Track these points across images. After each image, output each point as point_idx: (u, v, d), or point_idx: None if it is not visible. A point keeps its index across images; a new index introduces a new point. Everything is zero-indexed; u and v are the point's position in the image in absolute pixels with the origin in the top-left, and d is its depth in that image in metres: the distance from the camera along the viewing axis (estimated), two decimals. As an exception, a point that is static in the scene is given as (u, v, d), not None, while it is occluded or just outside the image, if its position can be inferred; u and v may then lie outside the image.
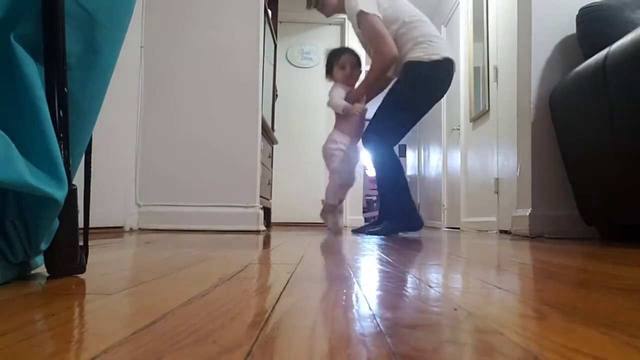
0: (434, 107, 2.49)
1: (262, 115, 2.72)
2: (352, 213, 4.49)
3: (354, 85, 2.57)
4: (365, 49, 2.51)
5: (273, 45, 3.71)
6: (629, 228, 1.95)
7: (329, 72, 2.63)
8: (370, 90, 2.52)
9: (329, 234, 2.48)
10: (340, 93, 2.52)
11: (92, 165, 0.70)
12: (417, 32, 2.25)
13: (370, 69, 2.33)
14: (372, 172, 2.88)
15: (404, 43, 2.24)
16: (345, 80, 2.56)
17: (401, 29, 2.25)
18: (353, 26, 2.44)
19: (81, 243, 0.67)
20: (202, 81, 2.61)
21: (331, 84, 2.62)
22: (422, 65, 2.20)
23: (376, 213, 5.98)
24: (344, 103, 2.47)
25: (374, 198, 6.69)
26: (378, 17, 2.20)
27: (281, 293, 0.55)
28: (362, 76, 2.59)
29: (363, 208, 5.37)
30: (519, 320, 0.44)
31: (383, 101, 2.37)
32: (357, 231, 2.57)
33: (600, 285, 0.67)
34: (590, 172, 2.04)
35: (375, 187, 2.90)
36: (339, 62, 2.57)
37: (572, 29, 2.30)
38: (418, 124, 2.80)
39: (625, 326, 0.41)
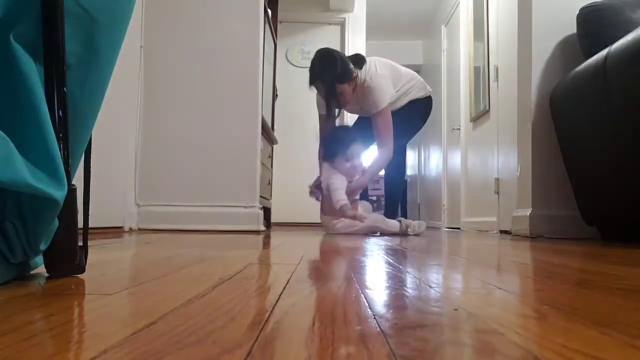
0: (433, 107, 2.82)
1: (262, 115, 2.72)
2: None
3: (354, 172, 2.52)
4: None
5: (273, 45, 3.71)
6: (630, 228, 1.95)
7: (331, 157, 2.51)
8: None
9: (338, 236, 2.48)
10: (342, 183, 2.44)
11: (91, 165, 0.70)
12: (414, 84, 2.71)
13: (375, 164, 2.58)
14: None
15: (404, 94, 2.67)
16: (347, 172, 2.48)
17: (401, 90, 2.66)
18: (352, 100, 2.59)
19: (81, 243, 0.67)
20: (202, 81, 2.60)
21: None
22: (427, 99, 2.74)
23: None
24: (345, 202, 2.39)
25: (374, 198, 6.70)
26: (389, 112, 2.55)
27: (281, 293, 0.55)
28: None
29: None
30: (519, 321, 0.44)
31: (406, 121, 2.65)
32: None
33: (601, 285, 0.67)
34: (590, 172, 2.04)
35: (375, 187, 2.95)
36: (345, 153, 2.45)
37: (572, 28, 2.30)
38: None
39: (625, 326, 0.40)
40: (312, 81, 2.53)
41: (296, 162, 4.48)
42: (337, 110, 2.67)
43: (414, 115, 2.73)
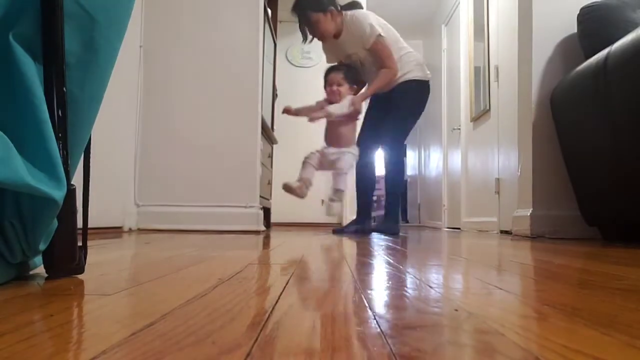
0: (434, 107, 2.67)
1: (262, 115, 2.72)
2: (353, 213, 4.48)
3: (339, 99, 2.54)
4: (358, 68, 2.65)
5: (273, 45, 3.71)
6: (631, 228, 1.95)
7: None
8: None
9: (329, 234, 2.48)
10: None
11: (91, 165, 0.70)
12: (414, 56, 2.64)
13: (378, 82, 2.53)
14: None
15: (406, 63, 2.58)
16: (327, 96, 2.58)
17: (402, 50, 2.60)
18: (338, 49, 2.61)
19: (80, 243, 0.67)
20: (202, 81, 2.60)
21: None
22: (423, 83, 2.61)
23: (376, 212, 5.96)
24: (346, 103, 2.47)
25: (375, 198, 6.71)
26: (387, 39, 2.53)
27: (281, 293, 0.55)
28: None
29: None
30: (519, 321, 0.44)
31: (398, 110, 2.57)
32: (338, 231, 2.62)
33: (602, 285, 0.67)
34: (591, 171, 2.04)
35: (376, 187, 2.94)
36: (325, 79, 2.61)
37: (572, 28, 2.29)
38: (418, 124, 2.89)
39: (626, 327, 0.40)
40: (292, 13, 2.64)
41: (296, 162, 4.47)
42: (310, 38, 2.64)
43: (412, 98, 2.58)
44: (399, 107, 2.57)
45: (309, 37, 2.62)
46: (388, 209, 2.65)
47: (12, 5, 0.54)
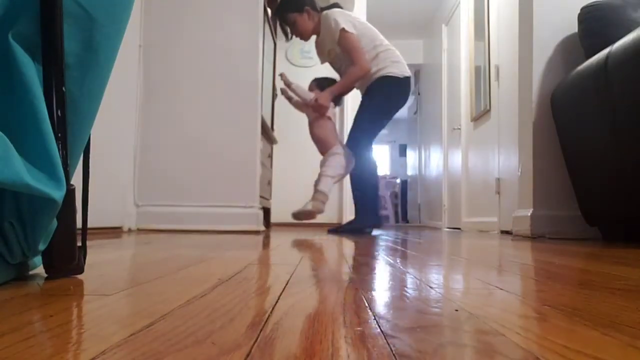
0: (434, 107, 2.66)
1: (262, 115, 2.72)
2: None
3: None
4: (334, 67, 2.83)
5: (273, 45, 3.71)
6: (631, 228, 1.95)
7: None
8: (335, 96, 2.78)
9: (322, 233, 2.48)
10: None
11: (90, 165, 0.70)
12: (391, 54, 2.65)
13: (346, 78, 2.66)
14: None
15: (382, 60, 2.62)
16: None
17: (379, 48, 2.64)
18: (321, 47, 2.77)
19: (79, 243, 0.67)
20: (201, 81, 2.60)
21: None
22: (398, 80, 2.62)
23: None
24: (311, 95, 2.73)
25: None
26: (355, 34, 2.60)
27: (281, 294, 0.55)
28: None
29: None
30: (520, 321, 0.43)
31: (365, 108, 2.66)
32: (332, 231, 2.64)
33: (602, 286, 0.67)
34: (592, 172, 2.04)
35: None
36: (309, 86, 2.87)
37: (573, 28, 2.29)
38: (418, 123, 2.89)
39: (627, 327, 0.40)
40: (274, 17, 2.85)
41: (296, 162, 4.48)
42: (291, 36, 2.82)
43: (381, 95, 2.60)
44: (364, 105, 2.67)
45: (290, 35, 2.80)
46: (355, 208, 2.68)
47: (11, 5, 0.54)
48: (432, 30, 5.58)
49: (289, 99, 2.83)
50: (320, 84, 2.81)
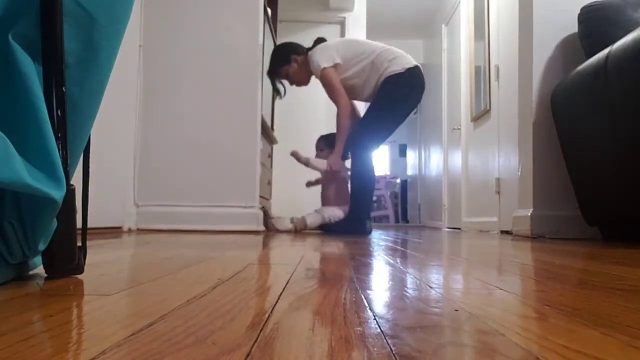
0: (434, 107, 2.58)
1: (262, 115, 2.72)
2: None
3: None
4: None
5: (273, 45, 3.71)
6: (631, 228, 1.95)
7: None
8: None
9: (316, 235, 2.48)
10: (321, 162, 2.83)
11: (90, 165, 0.70)
12: (387, 54, 2.58)
13: (339, 128, 2.65)
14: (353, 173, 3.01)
15: (379, 65, 2.55)
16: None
17: (372, 55, 2.57)
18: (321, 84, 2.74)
19: (79, 243, 0.67)
20: (202, 81, 2.60)
21: None
22: (400, 75, 2.52)
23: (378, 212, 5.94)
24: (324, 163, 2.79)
25: (374, 198, 6.73)
26: (334, 68, 2.56)
27: (281, 294, 0.55)
28: None
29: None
30: (520, 321, 0.43)
31: (370, 112, 2.61)
32: (326, 228, 2.68)
33: (602, 286, 0.67)
34: (592, 172, 2.04)
35: (376, 187, 2.96)
36: (318, 145, 2.98)
37: (573, 27, 2.29)
38: (418, 123, 2.88)
39: (627, 327, 0.40)
40: (268, 78, 2.86)
41: (296, 162, 4.47)
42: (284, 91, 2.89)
43: (384, 96, 2.54)
44: (367, 110, 2.65)
45: (284, 91, 2.88)
46: (354, 209, 2.66)
47: (11, 5, 0.54)
48: (432, 30, 5.58)
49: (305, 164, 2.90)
50: (329, 141, 2.84)
